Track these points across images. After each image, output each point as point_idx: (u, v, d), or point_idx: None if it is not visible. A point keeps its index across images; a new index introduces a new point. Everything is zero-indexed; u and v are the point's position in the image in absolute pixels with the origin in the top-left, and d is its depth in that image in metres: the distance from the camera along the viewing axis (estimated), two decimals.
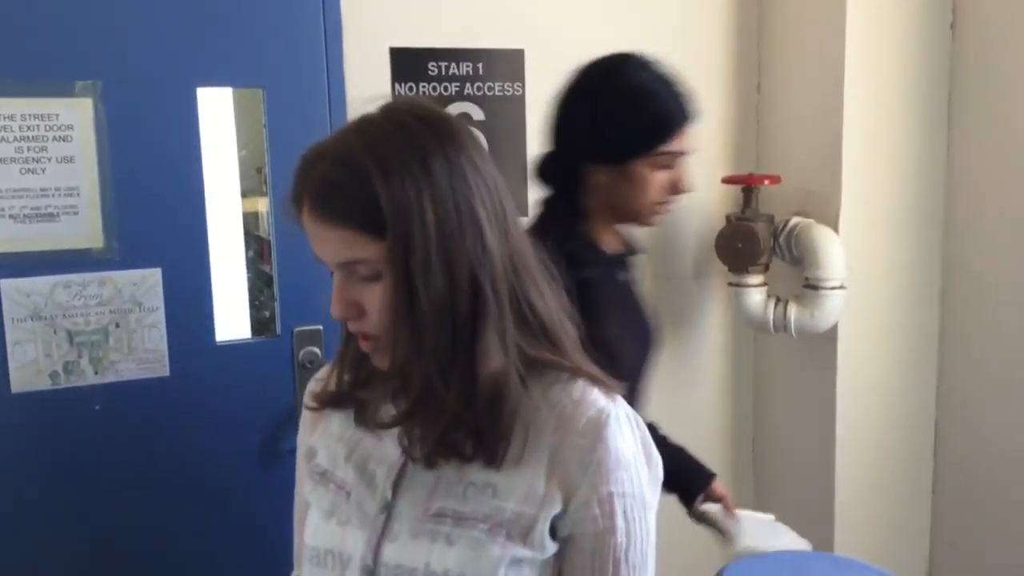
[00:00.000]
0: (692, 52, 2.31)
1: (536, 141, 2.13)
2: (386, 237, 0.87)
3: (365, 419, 1.01)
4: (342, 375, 1.04)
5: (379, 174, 0.87)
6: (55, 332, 1.77)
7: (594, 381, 0.95)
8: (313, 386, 1.09)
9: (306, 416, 1.10)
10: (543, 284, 0.96)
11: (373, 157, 0.88)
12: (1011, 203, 2.11)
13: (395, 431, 0.96)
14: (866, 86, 2.13)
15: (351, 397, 1.03)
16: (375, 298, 0.90)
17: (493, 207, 0.92)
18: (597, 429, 0.91)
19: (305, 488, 1.06)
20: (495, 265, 0.90)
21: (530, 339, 0.94)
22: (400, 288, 0.88)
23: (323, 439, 1.05)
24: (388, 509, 0.95)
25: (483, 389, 0.90)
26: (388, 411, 0.97)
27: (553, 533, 0.92)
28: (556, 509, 0.91)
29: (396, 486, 0.96)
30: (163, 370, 1.84)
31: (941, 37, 2.20)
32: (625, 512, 0.92)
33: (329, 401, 1.04)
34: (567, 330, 0.97)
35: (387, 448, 0.98)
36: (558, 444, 0.91)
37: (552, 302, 0.96)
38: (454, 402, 0.90)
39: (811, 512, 2.32)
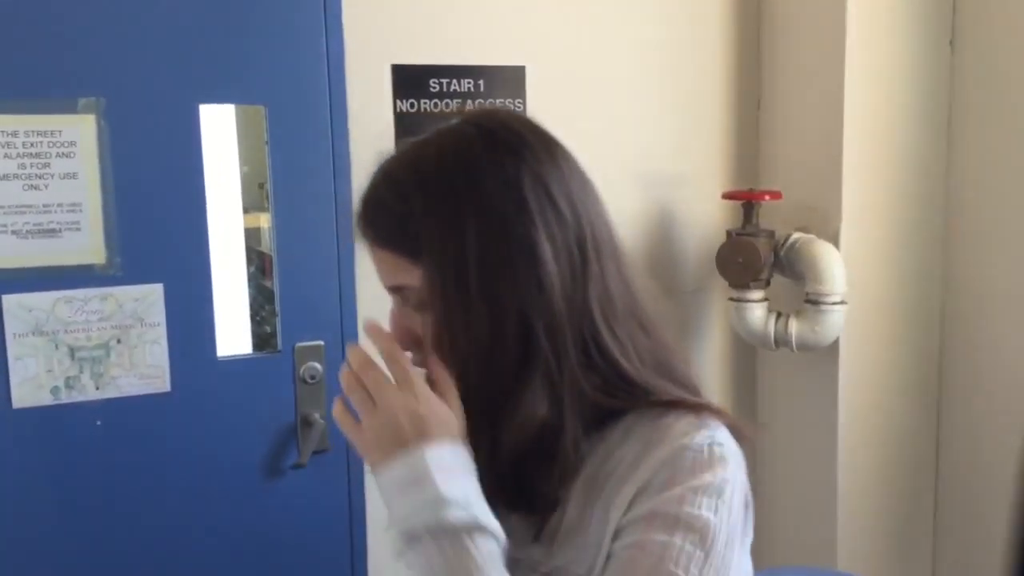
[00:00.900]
0: (693, 68, 2.32)
1: None
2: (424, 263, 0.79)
3: None
4: None
5: (418, 191, 0.79)
6: (56, 347, 1.77)
7: (690, 409, 0.83)
8: None
9: None
10: (639, 332, 0.85)
11: (416, 171, 0.81)
12: (1011, 218, 2.11)
13: None
14: (866, 102, 2.14)
15: None
16: (427, 329, 0.82)
17: (567, 238, 0.80)
18: (690, 452, 0.79)
19: None
20: (554, 307, 0.79)
21: (607, 388, 0.82)
22: (439, 323, 0.80)
23: None
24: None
25: (530, 441, 0.80)
26: None
27: None
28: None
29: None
30: (164, 385, 1.84)
31: (940, 54, 2.21)
32: (680, 527, 0.77)
33: None
34: (673, 375, 0.86)
35: None
36: (632, 471, 0.80)
37: (650, 351, 0.85)
38: (507, 453, 0.80)
39: (813, 528, 2.31)
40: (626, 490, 0.80)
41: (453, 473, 0.76)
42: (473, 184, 0.78)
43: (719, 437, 0.82)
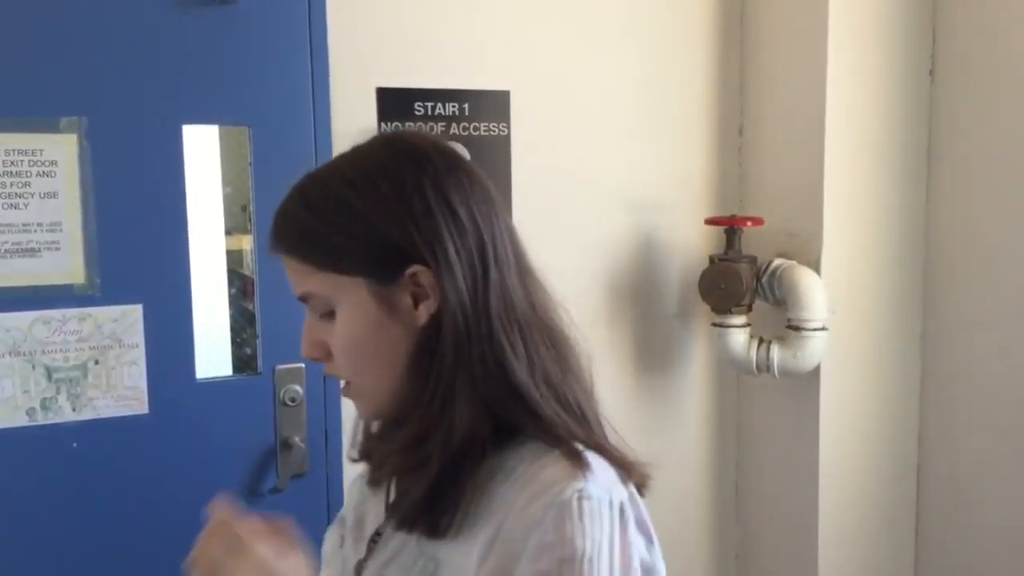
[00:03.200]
0: (676, 95, 2.34)
1: (521, 181, 2.15)
2: (324, 267, 0.83)
3: (371, 475, 0.96)
4: (367, 426, 0.96)
5: (323, 200, 0.84)
6: (33, 368, 1.75)
7: (570, 453, 0.79)
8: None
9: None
10: (542, 347, 0.84)
11: (323, 183, 0.85)
12: (990, 245, 2.13)
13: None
14: (847, 130, 2.16)
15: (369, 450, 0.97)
16: (334, 338, 0.85)
17: (468, 245, 0.83)
18: (554, 508, 0.76)
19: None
20: (458, 309, 0.81)
21: (503, 402, 0.82)
22: (344, 330, 0.84)
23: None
24: (359, 570, 0.92)
25: (458, 447, 0.80)
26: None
27: None
28: None
29: (371, 547, 0.91)
30: (142, 407, 1.82)
31: (920, 83, 2.24)
32: None
33: (360, 455, 0.98)
34: (567, 399, 0.84)
35: (382, 505, 0.93)
36: (503, 519, 0.78)
37: (551, 370, 0.84)
38: (438, 458, 0.80)
39: (795, 553, 2.31)
40: (488, 532, 0.79)
41: None
42: (370, 188, 0.82)
43: (590, 489, 0.77)
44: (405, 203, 0.81)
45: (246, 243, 2.09)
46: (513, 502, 0.78)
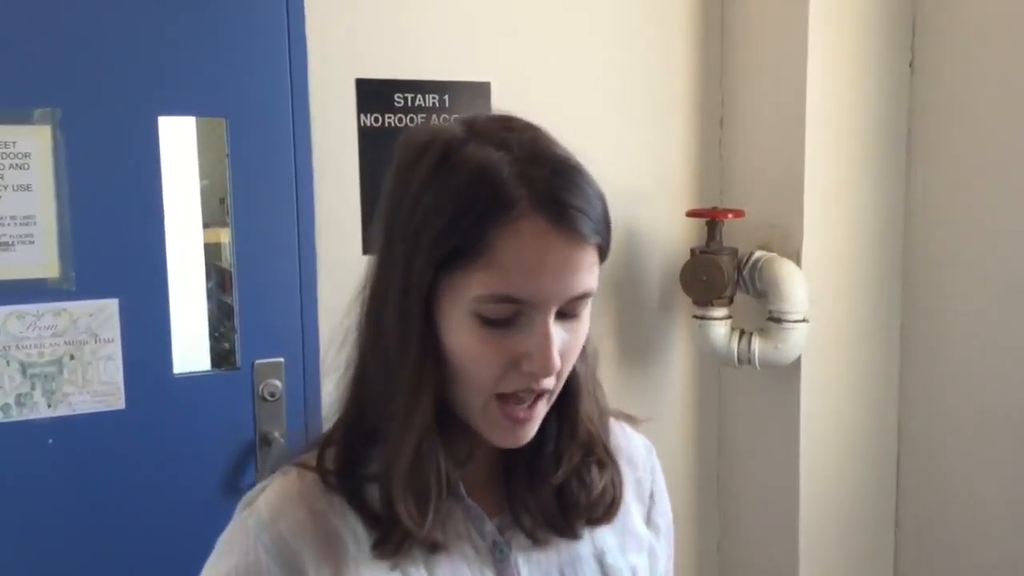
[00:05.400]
0: (656, 87, 2.33)
1: None
2: (602, 260, 0.78)
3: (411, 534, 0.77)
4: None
5: (589, 179, 0.78)
6: (7, 363, 1.72)
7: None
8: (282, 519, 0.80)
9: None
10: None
11: (569, 159, 0.80)
12: (969, 237, 2.14)
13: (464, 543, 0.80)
14: (827, 122, 2.16)
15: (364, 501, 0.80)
16: (576, 339, 0.79)
17: None
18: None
19: None
20: None
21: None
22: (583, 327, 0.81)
23: None
24: None
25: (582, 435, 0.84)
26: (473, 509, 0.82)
27: None
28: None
29: None
30: (119, 403, 1.80)
31: (900, 75, 2.25)
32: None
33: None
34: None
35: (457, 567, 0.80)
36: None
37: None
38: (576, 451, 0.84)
39: (776, 543, 2.32)
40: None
41: None
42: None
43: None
44: None
45: (224, 236, 2.06)
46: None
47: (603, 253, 0.77)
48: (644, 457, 0.93)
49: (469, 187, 0.72)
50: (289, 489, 0.81)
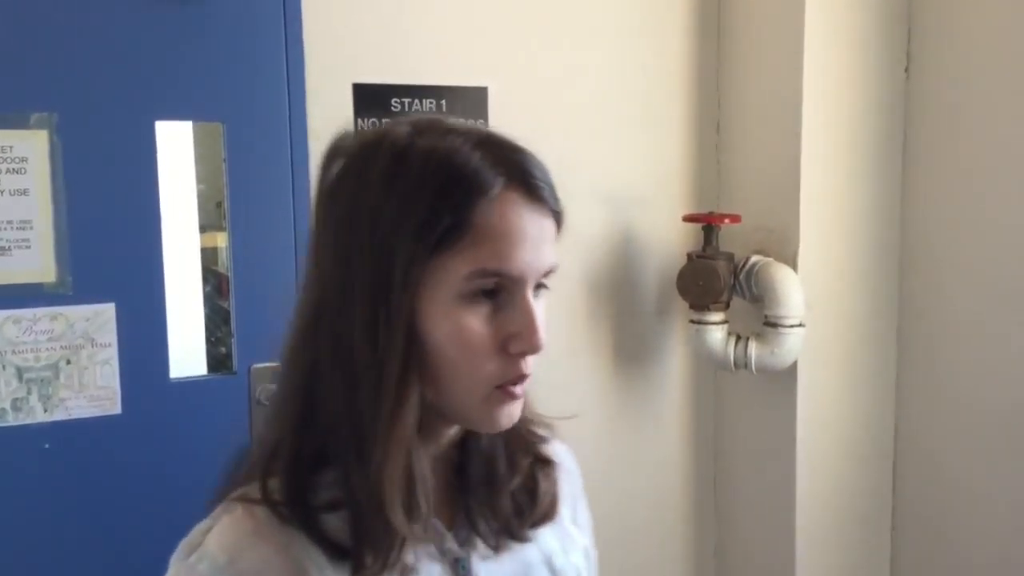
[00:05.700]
0: (653, 92, 2.34)
1: None
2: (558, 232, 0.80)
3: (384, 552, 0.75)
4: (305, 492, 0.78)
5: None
6: (3, 368, 1.72)
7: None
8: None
9: None
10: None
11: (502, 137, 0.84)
12: (966, 241, 2.14)
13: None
14: (824, 127, 2.17)
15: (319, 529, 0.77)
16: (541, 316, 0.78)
17: None
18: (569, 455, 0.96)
19: None
20: None
21: None
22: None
23: None
24: None
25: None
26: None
27: None
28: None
29: None
30: (115, 408, 1.80)
31: (896, 80, 2.25)
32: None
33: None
34: None
35: None
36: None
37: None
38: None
39: (773, 548, 2.31)
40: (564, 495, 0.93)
41: None
42: None
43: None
44: None
45: (221, 240, 2.07)
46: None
47: (560, 224, 0.80)
48: (565, 458, 0.93)
49: (442, 172, 0.74)
50: (243, 526, 0.77)
